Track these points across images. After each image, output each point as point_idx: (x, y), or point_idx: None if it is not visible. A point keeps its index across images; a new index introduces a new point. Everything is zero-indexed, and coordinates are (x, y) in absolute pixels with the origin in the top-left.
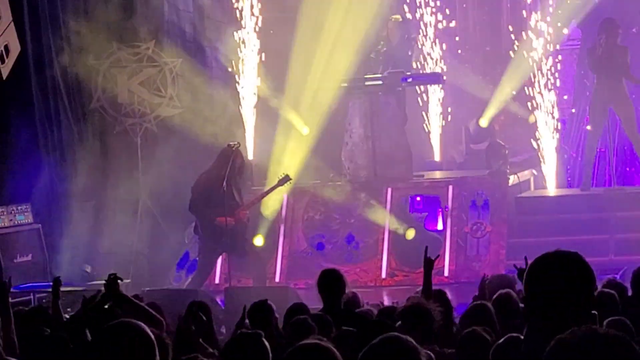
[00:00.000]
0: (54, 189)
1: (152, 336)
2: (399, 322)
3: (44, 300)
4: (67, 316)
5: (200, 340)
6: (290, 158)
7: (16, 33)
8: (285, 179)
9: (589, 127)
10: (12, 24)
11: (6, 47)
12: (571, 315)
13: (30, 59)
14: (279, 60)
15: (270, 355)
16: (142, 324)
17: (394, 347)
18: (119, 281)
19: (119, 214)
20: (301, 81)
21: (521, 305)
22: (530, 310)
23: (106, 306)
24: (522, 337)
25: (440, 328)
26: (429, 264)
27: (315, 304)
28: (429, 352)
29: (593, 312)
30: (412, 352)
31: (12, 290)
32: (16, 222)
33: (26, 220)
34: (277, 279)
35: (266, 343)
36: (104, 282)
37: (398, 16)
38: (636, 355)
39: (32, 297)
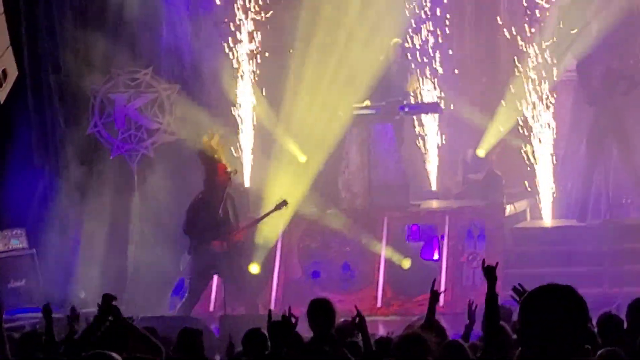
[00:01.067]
0: (49, 214)
1: None
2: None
3: (37, 326)
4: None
5: None
6: (287, 186)
7: (14, 58)
8: (282, 204)
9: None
10: (10, 49)
11: (4, 72)
12: (565, 347)
13: (28, 83)
14: (276, 88)
15: None
16: (117, 356)
17: None
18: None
19: (114, 239)
20: (299, 109)
21: (514, 336)
22: (524, 339)
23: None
24: None
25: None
26: (435, 297)
27: (310, 332)
28: None
29: (587, 346)
30: None
31: (5, 316)
32: (11, 247)
33: (21, 245)
34: (272, 307)
35: None
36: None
37: (398, 40)
38: None
39: (25, 322)
